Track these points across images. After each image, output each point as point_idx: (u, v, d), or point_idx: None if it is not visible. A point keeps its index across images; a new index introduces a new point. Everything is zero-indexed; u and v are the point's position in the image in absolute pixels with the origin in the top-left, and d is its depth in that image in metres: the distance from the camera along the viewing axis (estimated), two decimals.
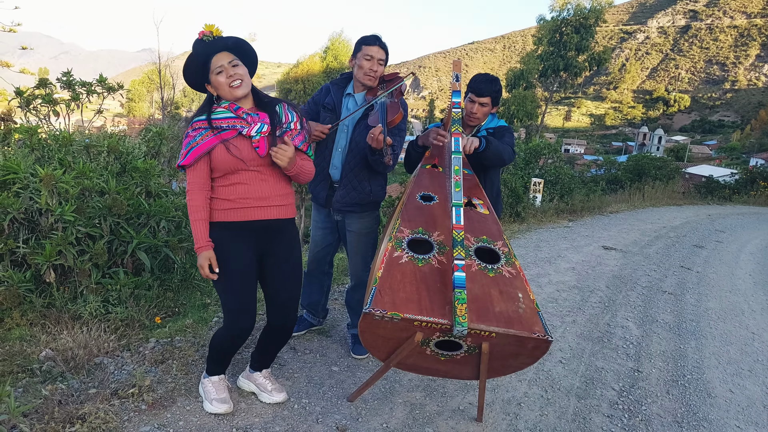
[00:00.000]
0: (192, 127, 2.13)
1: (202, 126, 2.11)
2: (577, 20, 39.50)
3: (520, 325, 1.91)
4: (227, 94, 2.10)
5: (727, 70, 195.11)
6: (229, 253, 2.14)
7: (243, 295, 2.17)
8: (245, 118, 2.11)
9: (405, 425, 2.41)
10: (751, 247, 8.18)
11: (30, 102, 4.35)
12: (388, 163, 2.59)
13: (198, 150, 2.08)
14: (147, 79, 57.92)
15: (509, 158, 2.78)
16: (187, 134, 2.13)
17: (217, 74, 2.08)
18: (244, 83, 2.10)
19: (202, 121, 2.12)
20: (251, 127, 2.10)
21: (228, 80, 2.07)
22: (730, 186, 18.62)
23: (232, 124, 2.10)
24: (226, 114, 2.11)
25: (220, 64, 2.06)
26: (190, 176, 2.13)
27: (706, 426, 2.73)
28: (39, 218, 3.00)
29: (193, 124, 2.14)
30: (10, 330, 2.78)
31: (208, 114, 2.12)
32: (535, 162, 11.83)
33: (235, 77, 2.07)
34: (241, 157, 2.08)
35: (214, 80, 2.09)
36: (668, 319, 4.32)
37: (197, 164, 2.11)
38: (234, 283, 2.15)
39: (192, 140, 2.10)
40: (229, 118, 2.11)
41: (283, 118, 2.20)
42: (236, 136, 2.10)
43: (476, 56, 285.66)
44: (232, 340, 2.25)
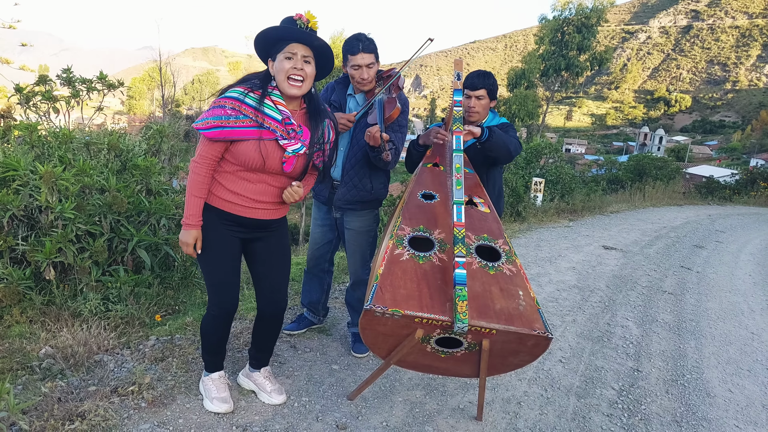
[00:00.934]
0: (230, 102, 1.96)
1: (242, 110, 1.96)
2: (579, 20, 39.46)
3: (521, 322, 1.91)
4: (282, 83, 1.99)
5: (729, 71, 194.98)
6: (215, 236, 2.13)
7: (227, 275, 2.17)
8: (290, 132, 2.02)
9: (405, 423, 2.41)
10: (751, 248, 8.18)
11: (30, 99, 4.34)
12: (387, 159, 2.58)
13: (228, 133, 1.95)
14: (148, 77, 57.94)
15: (516, 149, 2.74)
16: (222, 106, 1.96)
17: (286, 58, 1.97)
18: (304, 85, 2.01)
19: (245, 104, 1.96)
20: (290, 143, 2.01)
21: (292, 70, 1.97)
22: (730, 186, 18.60)
23: (274, 127, 1.99)
24: (276, 115, 2.00)
25: (294, 51, 1.96)
26: (205, 148, 2.00)
27: (705, 425, 2.73)
28: (39, 215, 3.00)
29: (232, 99, 1.96)
30: (10, 327, 2.78)
31: (261, 99, 1.99)
32: (536, 161, 11.83)
33: (300, 73, 1.98)
34: (266, 160, 2.00)
35: (279, 62, 1.98)
36: (668, 319, 4.32)
37: (217, 142, 1.99)
38: (218, 265, 2.15)
39: (224, 116, 1.94)
40: (276, 121, 2.00)
41: (322, 137, 2.12)
42: (271, 140, 2.00)
43: (478, 55, 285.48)
44: (217, 322, 2.24)
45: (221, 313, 2.22)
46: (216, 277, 2.18)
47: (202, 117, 1.99)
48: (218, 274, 2.17)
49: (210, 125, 1.95)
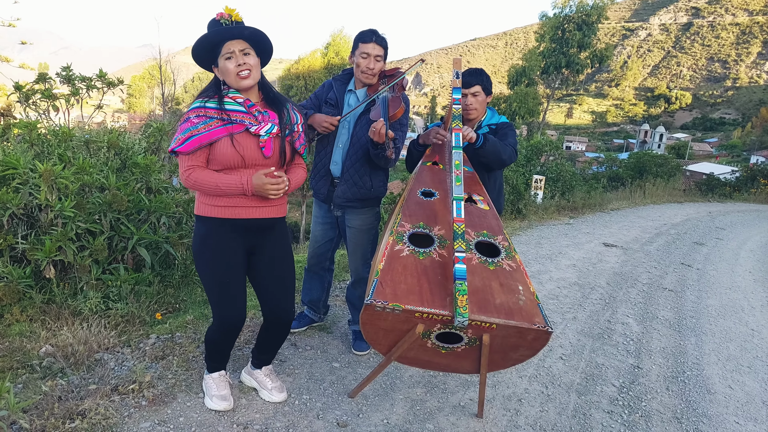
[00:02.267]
0: (195, 112, 2.02)
1: (207, 113, 2.01)
2: (580, 17, 39.43)
3: (521, 317, 1.91)
4: (233, 82, 2.03)
5: (729, 68, 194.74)
6: (217, 249, 2.10)
7: (232, 289, 2.13)
8: (256, 115, 2.05)
9: (406, 421, 2.41)
10: (751, 245, 8.17)
11: (29, 97, 4.34)
12: (390, 157, 2.58)
13: (200, 139, 1.99)
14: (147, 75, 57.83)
15: (509, 159, 2.74)
16: (187, 119, 2.02)
17: (226, 59, 2.00)
18: (252, 74, 2.03)
19: (207, 108, 2.02)
20: (261, 126, 2.04)
21: (236, 68, 2.00)
22: (730, 183, 18.59)
23: (241, 118, 2.03)
24: (238, 107, 2.04)
25: (231, 49, 1.99)
26: (187, 161, 2.01)
27: (705, 422, 2.73)
28: (38, 214, 3.00)
29: (195, 109, 2.02)
30: (10, 326, 2.78)
31: (220, 101, 2.03)
32: (537, 159, 11.83)
33: (244, 67, 2.00)
34: (243, 154, 2.02)
35: (222, 65, 2.02)
36: (668, 316, 4.32)
37: (196, 152, 2.01)
38: (222, 279, 2.11)
39: (192, 126, 1.99)
40: (240, 112, 2.04)
41: (290, 119, 2.15)
42: (242, 132, 2.03)
43: (478, 53, 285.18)
44: (224, 335, 2.21)
45: (228, 328, 2.18)
46: (221, 293, 2.13)
47: (173, 138, 2.03)
48: (224, 289, 2.12)
49: (181, 140, 1.99)
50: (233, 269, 2.13)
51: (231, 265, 2.13)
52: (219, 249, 2.10)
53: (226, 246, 2.11)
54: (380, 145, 2.53)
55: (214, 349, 2.29)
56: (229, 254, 2.12)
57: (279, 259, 2.25)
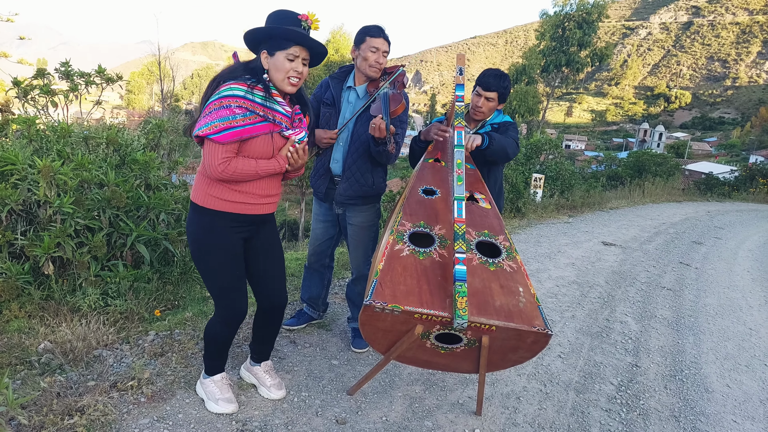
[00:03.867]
0: (237, 101, 1.93)
1: (249, 106, 1.95)
2: (580, 15, 39.39)
3: (521, 319, 1.91)
4: (280, 81, 2.02)
5: (729, 67, 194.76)
6: (220, 242, 2.11)
7: (236, 282, 2.16)
8: (295, 122, 2.11)
9: (404, 418, 2.41)
10: (750, 244, 8.19)
11: (28, 92, 4.32)
12: (392, 152, 2.58)
13: (241, 132, 1.94)
14: (146, 71, 57.67)
15: (513, 152, 2.76)
16: (227, 105, 1.91)
17: (288, 59, 1.99)
18: (299, 84, 2.08)
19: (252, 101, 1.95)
20: (295, 133, 2.10)
21: (291, 72, 2.01)
22: (729, 183, 18.62)
23: (280, 119, 2.05)
24: (282, 110, 2.06)
25: (298, 54, 2.00)
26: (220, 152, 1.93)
27: (703, 420, 2.74)
28: (37, 210, 2.99)
29: (238, 98, 1.93)
30: (9, 322, 2.78)
31: (267, 95, 2.01)
32: (536, 157, 11.83)
33: (299, 75, 2.04)
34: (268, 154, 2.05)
35: (281, 62, 1.99)
36: (667, 315, 4.33)
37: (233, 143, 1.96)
38: (225, 272, 2.13)
39: (231, 116, 1.91)
40: (283, 115, 2.06)
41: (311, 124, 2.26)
42: (276, 132, 2.06)
43: (478, 51, 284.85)
44: (226, 327, 2.21)
45: (232, 320, 2.19)
46: (224, 283, 2.14)
47: (204, 122, 1.92)
48: (226, 280, 2.14)
49: (219, 128, 1.90)
50: (234, 262, 2.15)
51: (232, 257, 2.14)
52: (220, 242, 2.10)
53: (227, 239, 2.11)
54: (381, 140, 2.53)
55: (215, 344, 2.28)
56: (229, 247, 2.12)
57: (271, 247, 2.29)
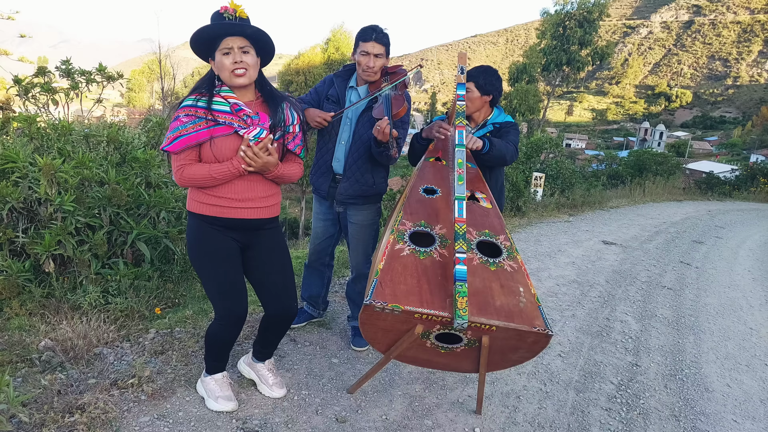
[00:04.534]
0: (185, 111, 1.98)
1: (196, 113, 1.97)
2: (581, 14, 39.28)
3: (521, 319, 1.91)
4: (227, 78, 1.98)
5: (730, 66, 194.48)
6: (211, 244, 2.08)
7: (233, 282, 2.11)
8: (245, 119, 2.01)
9: (404, 417, 2.42)
10: (750, 244, 8.18)
11: (29, 90, 4.32)
12: (394, 156, 2.58)
13: (188, 139, 1.96)
14: (147, 69, 57.58)
15: (511, 158, 2.73)
16: (177, 117, 1.98)
17: (223, 54, 1.95)
18: (248, 74, 1.98)
19: (197, 108, 1.98)
20: (249, 130, 2.00)
21: (232, 65, 1.95)
22: (730, 182, 18.60)
23: (229, 120, 1.99)
24: (225, 108, 2.00)
25: (230, 45, 1.94)
26: (178, 160, 1.99)
27: (703, 420, 2.74)
28: (38, 208, 2.99)
29: (186, 107, 1.99)
30: (9, 320, 2.78)
31: (209, 101, 1.99)
32: (537, 156, 11.82)
33: (241, 65, 1.96)
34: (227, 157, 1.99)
35: (219, 60, 1.97)
36: (667, 314, 4.33)
37: (185, 151, 1.99)
38: (220, 273, 2.09)
39: (181, 126, 1.97)
40: (227, 113, 2.00)
41: (283, 120, 2.10)
42: (231, 134, 1.99)
43: (479, 49, 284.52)
44: (227, 330, 2.17)
45: (231, 321, 2.14)
46: (220, 284, 2.10)
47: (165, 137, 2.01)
48: (222, 280, 2.10)
49: (171, 139, 1.97)
50: (228, 263, 2.11)
51: (225, 259, 2.10)
52: (211, 245, 2.08)
53: (218, 241, 2.09)
54: (384, 143, 2.53)
55: (215, 346, 2.25)
56: (222, 249, 2.09)
57: (270, 256, 2.21)
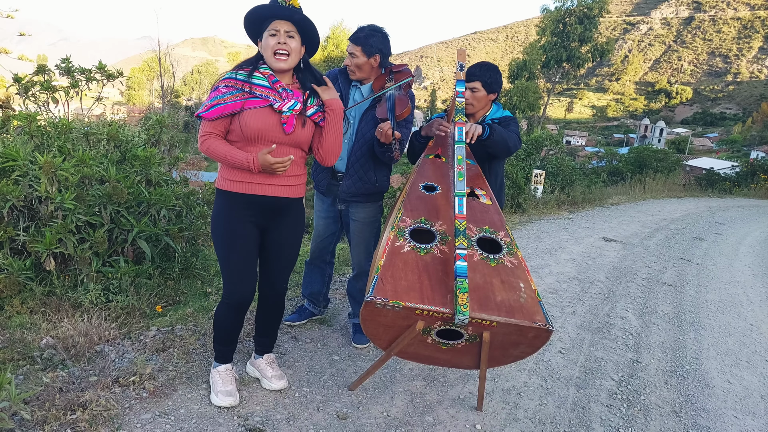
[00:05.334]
0: (225, 82, 2.07)
1: (235, 84, 2.06)
2: (581, 10, 39.21)
3: (522, 315, 1.91)
4: (269, 59, 2.06)
5: (730, 63, 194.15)
6: (232, 223, 2.14)
7: (244, 264, 2.18)
8: (281, 92, 2.08)
9: (405, 414, 2.42)
10: (751, 240, 8.18)
11: (28, 89, 4.31)
12: (397, 158, 2.59)
13: (223, 109, 2.04)
14: (147, 67, 57.59)
15: (515, 146, 2.74)
16: (216, 87, 2.07)
17: (270, 35, 2.04)
18: (290, 58, 2.06)
19: (236, 80, 2.06)
20: (284, 103, 2.07)
21: (275, 46, 2.03)
22: (730, 178, 18.59)
23: (266, 94, 2.07)
24: (263, 82, 2.08)
25: (277, 27, 2.03)
26: (207, 126, 2.07)
27: (703, 416, 2.74)
28: (39, 206, 2.99)
29: (226, 79, 2.07)
30: (11, 318, 2.79)
31: (250, 73, 2.07)
32: (537, 153, 11.80)
33: (284, 47, 2.04)
34: (266, 127, 2.06)
35: (265, 40, 2.06)
36: (667, 311, 4.33)
37: (217, 121, 2.07)
38: (235, 253, 2.16)
39: (219, 95, 2.05)
40: (264, 87, 2.07)
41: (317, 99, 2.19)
42: (266, 107, 2.07)
43: (478, 46, 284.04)
44: (232, 311, 2.24)
45: (236, 302, 2.22)
46: (232, 265, 2.17)
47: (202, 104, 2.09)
48: (235, 262, 2.17)
49: (208, 107, 2.05)
50: (245, 244, 2.17)
51: (243, 244, 2.16)
52: (233, 223, 2.15)
53: (240, 225, 2.15)
54: (386, 145, 2.54)
55: (221, 329, 2.31)
56: (241, 234, 2.15)
57: (288, 246, 2.30)
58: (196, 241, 3.72)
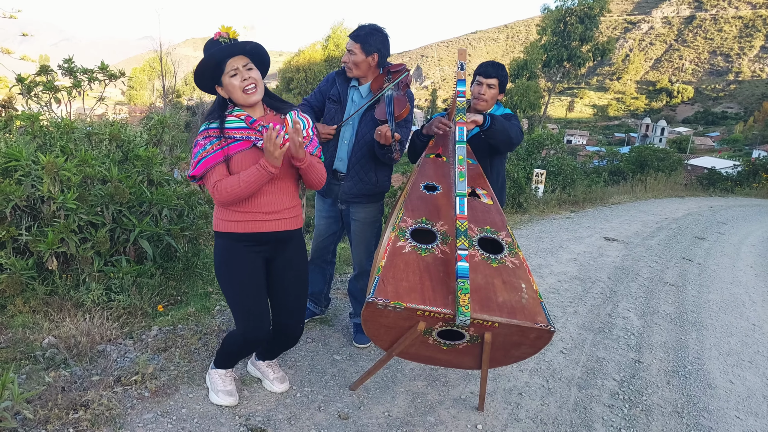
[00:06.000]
0: (202, 135, 2.05)
1: (214, 134, 2.04)
2: (582, 10, 39.16)
3: (523, 315, 1.91)
4: (240, 98, 2.04)
5: (731, 61, 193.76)
6: (238, 264, 2.11)
7: (255, 305, 2.14)
8: (260, 130, 2.04)
9: (407, 414, 2.42)
10: (753, 239, 8.17)
11: (31, 89, 4.32)
12: (397, 158, 2.59)
13: (208, 161, 2.02)
14: (148, 67, 57.59)
15: (517, 137, 2.74)
16: (196, 142, 2.06)
17: (231, 77, 2.01)
18: (258, 89, 2.04)
19: (211, 130, 2.04)
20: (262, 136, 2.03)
21: (242, 84, 2.01)
22: (732, 178, 18.57)
23: (246, 135, 2.04)
24: (239, 124, 2.05)
25: (235, 66, 2.00)
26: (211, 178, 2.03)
27: (706, 416, 2.74)
28: (41, 206, 3.00)
29: (202, 132, 2.06)
30: (13, 317, 2.79)
31: (221, 122, 2.05)
32: (538, 153, 11.79)
33: (249, 81, 2.02)
34: None
35: (228, 83, 2.02)
36: (669, 311, 4.33)
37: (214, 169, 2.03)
38: (246, 295, 2.13)
39: (202, 149, 2.04)
40: (242, 128, 2.05)
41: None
42: (250, 148, 2.04)
43: (479, 46, 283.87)
44: (246, 346, 2.22)
45: (253, 340, 2.17)
46: (245, 305, 2.14)
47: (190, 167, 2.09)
48: (247, 302, 2.13)
49: (195, 163, 2.04)
50: (254, 286, 2.14)
51: (252, 281, 2.13)
52: (238, 266, 2.12)
53: (245, 262, 2.12)
54: (387, 146, 2.54)
55: (232, 353, 2.29)
56: (248, 271, 2.13)
57: (294, 270, 2.25)
58: (197, 241, 3.73)
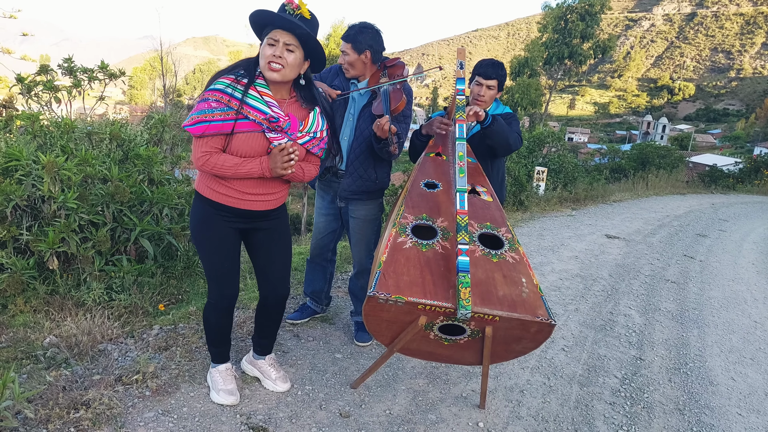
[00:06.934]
0: (216, 95, 1.92)
1: (228, 102, 1.92)
2: (583, 7, 39.15)
3: (524, 309, 1.91)
4: (263, 69, 1.95)
5: (733, 58, 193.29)
6: (212, 229, 2.13)
7: (225, 266, 2.17)
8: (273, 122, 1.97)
9: (408, 412, 2.42)
10: (755, 236, 8.16)
11: (31, 89, 4.33)
12: (394, 152, 2.59)
13: (208, 128, 1.92)
14: (149, 67, 57.68)
15: (515, 143, 2.76)
16: (206, 99, 1.92)
17: (269, 45, 1.92)
18: (283, 72, 1.94)
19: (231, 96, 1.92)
20: (276, 137, 1.98)
21: (271, 57, 1.91)
22: (733, 175, 18.53)
23: (260, 120, 1.96)
24: (259, 105, 1.95)
25: (277, 38, 1.91)
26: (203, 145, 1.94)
27: (707, 413, 2.74)
28: (42, 205, 3.00)
29: (218, 91, 1.92)
30: (14, 317, 2.80)
31: (245, 92, 1.94)
32: (539, 150, 11.79)
33: (278, 60, 1.92)
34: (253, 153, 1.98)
35: (263, 48, 1.95)
36: (671, 308, 4.32)
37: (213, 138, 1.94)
38: (217, 255, 2.15)
39: (208, 109, 1.91)
40: (260, 112, 1.95)
41: (313, 126, 2.08)
42: (259, 132, 1.97)
43: (480, 44, 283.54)
44: (218, 312, 2.24)
45: (221, 303, 2.22)
46: (215, 268, 2.18)
47: (189, 115, 1.96)
48: (217, 265, 2.17)
49: (194, 120, 1.92)
50: (225, 250, 2.16)
51: (223, 246, 2.16)
52: (212, 229, 2.13)
53: (220, 228, 2.13)
54: (384, 140, 2.54)
55: (211, 330, 2.30)
56: (221, 236, 2.14)
57: (273, 242, 2.27)
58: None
